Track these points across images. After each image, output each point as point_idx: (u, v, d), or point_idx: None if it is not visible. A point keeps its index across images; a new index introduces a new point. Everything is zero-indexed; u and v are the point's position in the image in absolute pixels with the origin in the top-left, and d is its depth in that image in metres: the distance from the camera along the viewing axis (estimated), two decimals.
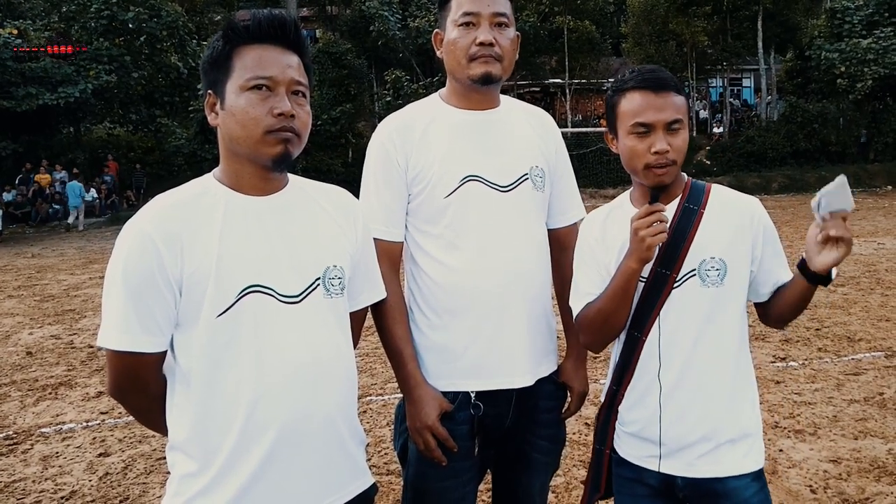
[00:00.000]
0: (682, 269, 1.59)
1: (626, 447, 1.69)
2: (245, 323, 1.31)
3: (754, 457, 1.62)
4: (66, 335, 6.98)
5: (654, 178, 1.58)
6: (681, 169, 1.64)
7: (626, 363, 1.66)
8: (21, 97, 18.54)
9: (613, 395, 1.70)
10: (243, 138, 1.34)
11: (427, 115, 1.81)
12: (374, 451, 3.83)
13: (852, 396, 4.36)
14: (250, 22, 1.35)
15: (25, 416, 4.70)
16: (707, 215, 1.62)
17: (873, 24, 22.02)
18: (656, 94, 1.57)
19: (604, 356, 5.39)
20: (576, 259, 1.74)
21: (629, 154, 1.61)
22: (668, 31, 23.53)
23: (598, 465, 1.75)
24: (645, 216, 1.52)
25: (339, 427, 1.43)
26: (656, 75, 1.60)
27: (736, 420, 1.60)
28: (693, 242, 1.59)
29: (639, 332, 1.63)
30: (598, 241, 1.69)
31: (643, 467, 1.65)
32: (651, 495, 1.66)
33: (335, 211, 1.50)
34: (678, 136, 1.58)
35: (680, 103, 1.59)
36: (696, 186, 1.68)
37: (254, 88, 1.33)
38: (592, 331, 1.68)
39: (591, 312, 1.65)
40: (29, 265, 12.44)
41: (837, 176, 1.46)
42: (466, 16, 1.72)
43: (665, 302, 1.59)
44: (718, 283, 1.59)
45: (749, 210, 1.64)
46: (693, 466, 1.59)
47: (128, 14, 20.64)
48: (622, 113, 1.61)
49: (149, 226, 1.30)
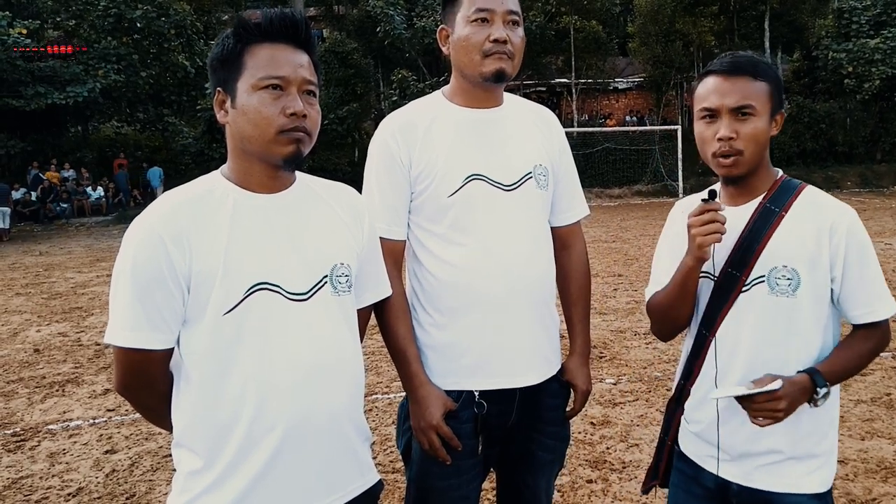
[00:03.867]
0: (751, 273, 1.51)
1: (688, 444, 1.68)
2: (252, 320, 1.32)
3: (819, 478, 1.53)
4: (74, 333, 7.02)
5: (721, 168, 1.52)
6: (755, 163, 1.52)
7: (694, 360, 1.64)
8: (30, 96, 18.65)
9: (681, 390, 1.69)
10: (255, 137, 1.34)
11: (430, 113, 1.81)
12: (380, 449, 3.83)
13: (859, 397, 4.34)
14: (262, 20, 1.35)
15: (33, 413, 4.72)
16: (788, 219, 1.51)
17: (881, 24, 21.91)
18: (726, 77, 1.49)
19: (609, 355, 5.39)
20: (657, 247, 1.75)
21: (698, 141, 1.56)
22: (675, 31, 23.46)
23: (660, 455, 1.77)
24: (699, 214, 1.48)
25: (346, 424, 1.44)
26: (733, 59, 1.51)
27: (799, 437, 1.52)
28: (767, 247, 1.50)
29: (707, 330, 1.59)
30: (677, 235, 1.64)
31: (701, 467, 1.64)
32: (705, 497, 1.63)
33: (342, 209, 1.51)
34: (748, 122, 1.48)
35: (756, 89, 1.49)
36: (786, 186, 1.56)
37: (267, 88, 1.33)
38: (655, 320, 1.70)
39: (655, 301, 1.67)
40: (37, 263, 12.51)
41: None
42: (481, 12, 1.71)
43: (733, 305, 1.54)
44: (790, 294, 1.48)
45: (832, 219, 1.49)
46: (751, 476, 1.55)
47: (135, 12, 20.70)
48: (696, 98, 1.56)
49: (157, 223, 1.30)
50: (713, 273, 1.57)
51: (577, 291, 1.95)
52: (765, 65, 1.52)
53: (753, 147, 1.49)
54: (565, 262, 1.93)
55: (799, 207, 1.52)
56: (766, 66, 1.52)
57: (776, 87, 1.53)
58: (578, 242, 1.97)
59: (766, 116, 1.50)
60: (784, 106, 1.61)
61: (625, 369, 5.06)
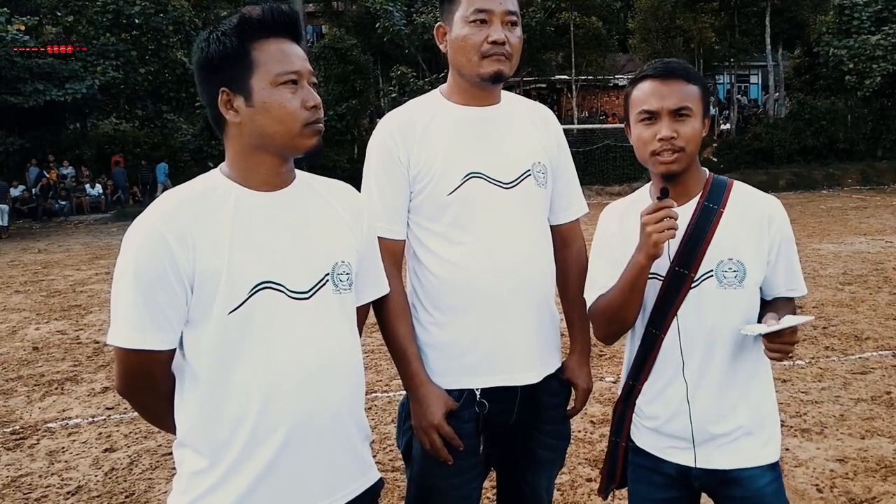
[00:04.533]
0: (699, 269, 1.58)
1: (644, 438, 1.71)
2: (256, 319, 1.31)
3: (771, 448, 1.64)
4: (73, 330, 7.02)
5: (661, 166, 1.58)
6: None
7: (644, 359, 1.67)
8: (28, 93, 18.59)
9: (630, 390, 1.72)
10: (281, 133, 1.34)
11: (428, 112, 1.80)
12: (380, 447, 3.83)
13: (859, 395, 4.34)
14: (265, 16, 1.35)
15: (32, 412, 4.72)
16: (727, 215, 1.60)
17: (882, 20, 21.85)
18: (663, 81, 1.58)
19: (609, 353, 5.38)
20: (592, 251, 1.76)
21: (637, 142, 1.62)
22: (676, 28, 23.41)
23: (614, 457, 1.78)
24: (654, 212, 1.52)
25: (348, 423, 1.44)
26: (666, 64, 1.61)
27: (754, 414, 1.63)
28: (711, 243, 1.58)
29: (657, 329, 1.64)
30: (614, 235, 1.70)
31: (660, 457, 1.67)
32: (667, 485, 1.68)
33: (341, 206, 1.50)
34: (686, 123, 1.57)
35: (689, 91, 1.58)
36: (717, 184, 1.66)
37: (286, 83, 1.34)
38: (603, 322, 1.71)
39: (602, 304, 1.68)
40: (35, 261, 12.50)
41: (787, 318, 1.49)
42: (479, 13, 1.70)
43: (683, 301, 1.60)
44: (736, 285, 1.58)
45: (769, 210, 1.63)
46: (711, 458, 1.62)
47: (134, 8, 20.66)
48: (632, 102, 1.63)
49: (160, 222, 1.29)
50: (659, 273, 1.62)
51: (576, 289, 1.94)
52: (695, 71, 1.64)
53: (692, 146, 1.59)
54: (565, 259, 1.93)
55: (734, 202, 1.62)
56: (696, 72, 1.64)
57: (706, 91, 1.64)
58: (578, 240, 1.97)
59: (700, 117, 1.60)
60: (710, 112, 1.70)
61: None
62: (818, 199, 17.05)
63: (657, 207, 1.52)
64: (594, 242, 1.76)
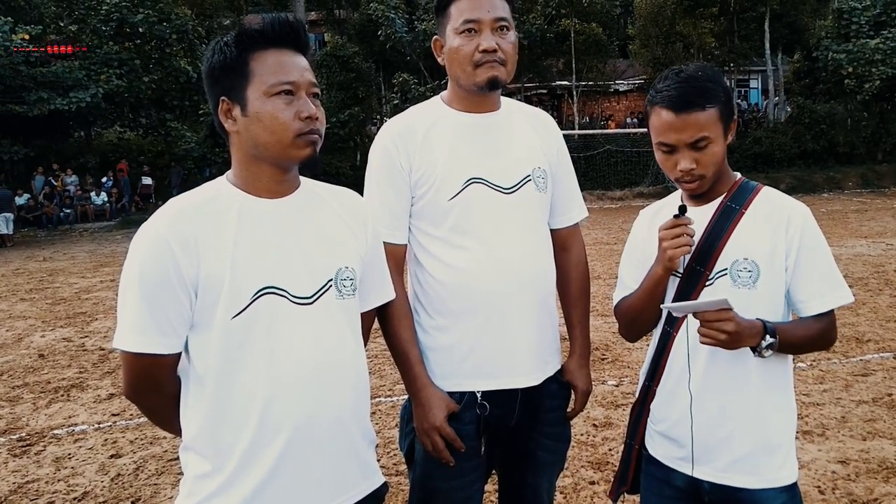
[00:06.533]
0: (714, 267, 1.59)
1: (656, 446, 1.71)
2: (259, 324, 1.33)
3: (788, 470, 1.59)
4: (78, 338, 7.04)
5: (686, 191, 1.62)
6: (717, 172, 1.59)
7: (658, 360, 1.69)
8: (33, 102, 18.67)
9: (646, 392, 1.73)
10: (273, 143, 1.36)
11: (429, 118, 1.83)
12: (384, 452, 3.85)
13: (861, 397, 4.36)
14: (265, 26, 1.36)
15: (38, 418, 4.75)
16: (748, 216, 1.60)
17: (881, 24, 21.88)
18: (677, 114, 1.53)
19: (610, 357, 5.40)
20: (624, 253, 1.80)
21: (661, 167, 1.64)
22: (675, 33, 23.45)
23: (627, 460, 1.79)
24: (670, 228, 1.55)
25: (351, 427, 1.45)
26: (682, 92, 1.53)
27: (765, 429, 1.57)
28: (728, 242, 1.58)
29: (671, 327, 1.65)
30: (643, 240, 1.72)
31: (670, 468, 1.66)
32: (677, 497, 1.66)
33: (345, 212, 1.52)
34: (706, 151, 1.54)
35: (707, 119, 1.53)
36: (745, 187, 1.65)
37: (280, 94, 1.35)
38: (624, 323, 1.76)
39: (624, 306, 1.73)
40: (41, 268, 12.54)
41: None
42: (468, 23, 1.72)
43: (697, 299, 1.60)
44: (750, 286, 1.56)
45: (788, 214, 1.58)
46: (723, 474, 1.59)
47: (137, 17, 20.77)
48: (650, 127, 1.62)
49: (164, 228, 1.31)
50: (678, 270, 1.63)
51: (576, 293, 1.97)
52: (711, 84, 1.54)
53: (714, 168, 1.57)
54: (565, 263, 1.96)
55: (757, 205, 1.61)
56: (713, 87, 1.54)
57: (726, 103, 1.57)
58: (578, 244, 1.99)
59: (721, 138, 1.57)
60: (735, 113, 1.65)
61: (627, 371, 5.07)
62: (819, 203, 17.04)
63: (674, 224, 1.55)
64: (626, 245, 1.80)
